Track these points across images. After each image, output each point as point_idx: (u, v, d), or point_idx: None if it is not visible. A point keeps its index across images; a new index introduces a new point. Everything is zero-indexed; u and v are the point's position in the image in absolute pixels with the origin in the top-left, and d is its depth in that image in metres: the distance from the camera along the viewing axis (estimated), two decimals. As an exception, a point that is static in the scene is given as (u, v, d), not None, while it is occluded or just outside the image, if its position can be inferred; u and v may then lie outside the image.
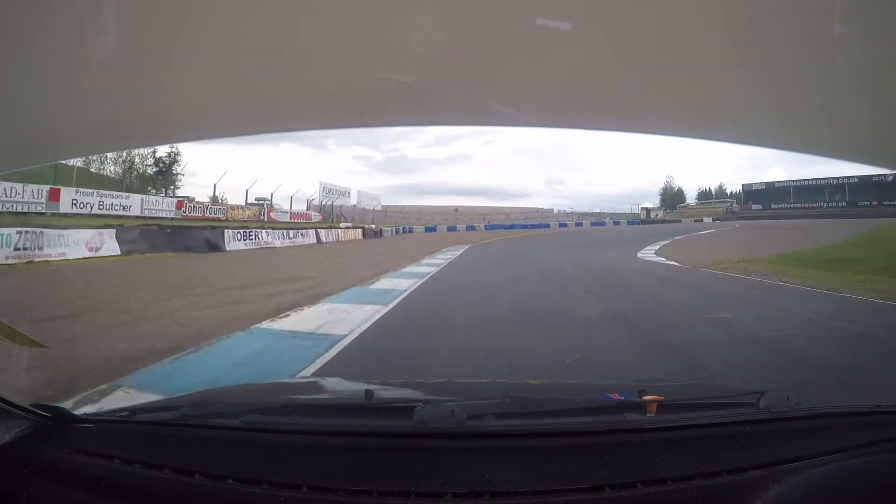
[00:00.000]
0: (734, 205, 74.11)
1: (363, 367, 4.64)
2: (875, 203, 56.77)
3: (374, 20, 1.02)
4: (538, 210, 69.88)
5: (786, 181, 69.83)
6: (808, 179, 67.52)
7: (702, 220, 58.29)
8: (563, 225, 54.53)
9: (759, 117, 1.47)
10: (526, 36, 1.07)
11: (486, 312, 7.34)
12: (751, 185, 74.91)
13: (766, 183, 71.60)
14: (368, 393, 1.33)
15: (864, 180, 59.67)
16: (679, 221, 59.25)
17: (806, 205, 62.75)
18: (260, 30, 1.04)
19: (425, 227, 50.66)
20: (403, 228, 48.78)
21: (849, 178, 62.51)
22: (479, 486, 0.93)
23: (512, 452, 1.05)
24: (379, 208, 58.52)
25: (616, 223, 54.17)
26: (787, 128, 1.54)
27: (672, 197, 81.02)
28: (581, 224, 54.59)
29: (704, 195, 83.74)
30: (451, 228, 52.27)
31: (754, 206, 68.82)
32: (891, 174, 52.14)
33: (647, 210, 71.85)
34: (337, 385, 1.89)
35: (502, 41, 1.10)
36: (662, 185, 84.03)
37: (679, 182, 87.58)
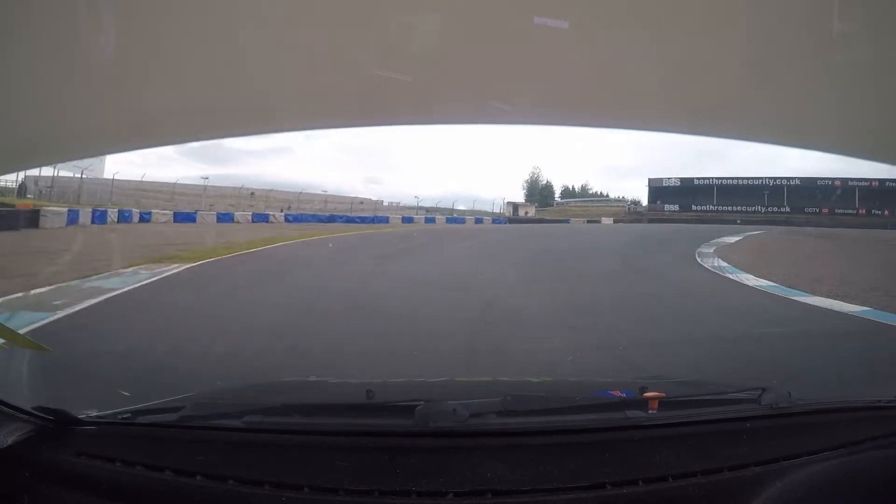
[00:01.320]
0: (633, 205, 57.63)
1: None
2: (826, 210, 48.44)
3: (372, 19, 1.02)
4: (363, 201, 44.58)
5: (707, 178, 54.94)
6: (738, 178, 54.22)
7: (599, 221, 46.00)
8: (429, 220, 38.43)
9: (758, 113, 1.47)
10: (524, 34, 1.07)
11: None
12: (660, 180, 57.39)
13: (683, 179, 55.86)
14: (369, 392, 1.33)
15: (808, 183, 51.31)
16: (567, 221, 45.78)
17: (736, 207, 50.59)
18: (258, 30, 1.03)
19: (174, 215, 26.64)
20: (122, 214, 23.91)
21: (789, 179, 52.52)
22: (480, 485, 0.93)
23: (513, 451, 1.05)
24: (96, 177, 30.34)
25: (479, 221, 41.40)
26: (786, 124, 1.54)
27: (541, 192, 62.23)
28: (433, 220, 38.69)
29: (569, 193, 65.80)
30: (225, 218, 28.29)
31: (668, 207, 53.91)
32: (845, 178, 47.16)
33: (515, 206, 53.69)
34: (338, 385, 1.89)
35: (501, 40, 1.10)
36: (528, 178, 63.67)
37: (547, 175, 68.66)
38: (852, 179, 49.19)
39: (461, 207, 48.78)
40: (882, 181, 48.74)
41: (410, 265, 12.11)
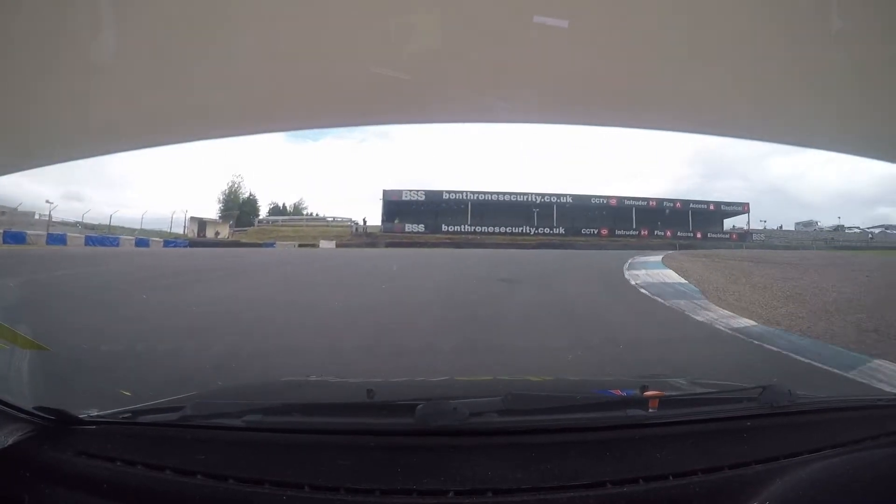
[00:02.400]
0: (360, 225, 44.67)
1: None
2: (605, 232, 42.60)
3: (372, 18, 1.02)
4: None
5: (460, 191, 43.87)
6: (500, 193, 44.46)
7: (317, 245, 35.06)
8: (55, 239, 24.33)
9: (757, 112, 1.47)
10: (524, 33, 1.07)
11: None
12: (399, 192, 43.66)
13: (429, 192, 43.34)
14: (370, 392, 1.33)
15: (581, 201, 44.32)
16: (272, 245, 34.87)
17: (497, 228, 41.52)
18: (258, 31, 1.03)
19: None
20: None
21: (559, 196, 44.57)
22: (481, 484, 0.93)
23: (514, 449, 1.05)
24: None
25: (142, 243, 28.64)
26: (786, 122, 1.54)
27: (241, 207, 49.24)
28: (108, 243, 27.03)
29: (278, 210, 53.09)
30: None
31: (411, 227, 42.03)
32: (622, 197, 43.07)
33: (202, 224, 39.75)
34: (338, 384, 1.89)
35: (500, 38, 1.10)
36: (225, 190, 49.33)
37: (251, 187, 55.17)
38: (629, 199, 45.71)
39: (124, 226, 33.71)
40: (661, 201, 46.32)
41: None
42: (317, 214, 52.00)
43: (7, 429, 1.06)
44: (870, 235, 47.15)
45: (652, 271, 13.57)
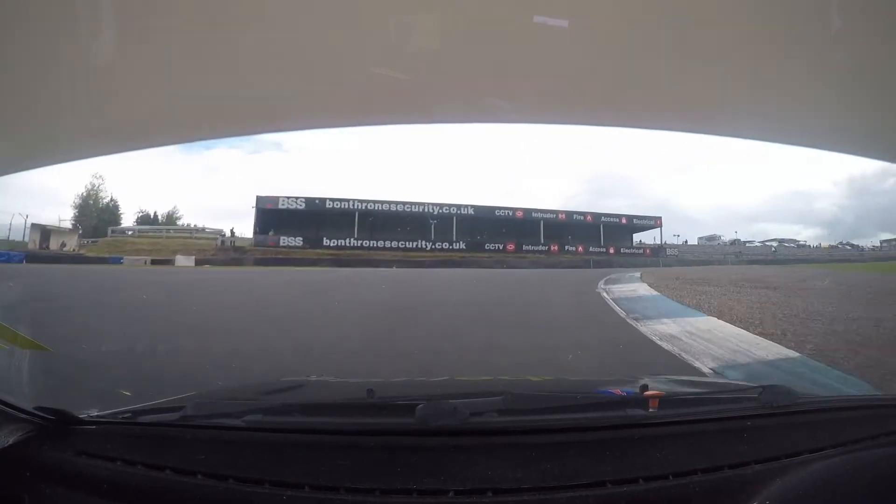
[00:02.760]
0: (228, 238, 36.70)
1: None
2: (511, 247, 36.61)
3: (372, 18, 1.02)
4: None
5: (346, 199, 36.55)
6: (393, 203, 37.28)
7: (172, 262, 28.62)
8: None
9: (756, 112, 1.47)
10: (524, 33, 1.07)
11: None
12: (274, 200, 35.84)
13: (309, 199, 36.02)
14: (370, 392, 1.33)
15: (484, 213, 37.94)
16: (119, 260, 28.10)
17: (390, 243, 34.86)
18: (257, 31, 1.04)
19: None
20: None
21: (460, 207, 37.63)
22: (481, 484, 0.93)
23: (514, 449, 1.05)
24: None
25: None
26: (785, 122, 1.54)
27: (99, 215, 39.96)
28: None
29: (147, 220, 43.81)
30: None
31: (287, 241, 34.44)
32: (530, 209, 37.16)
33: (45, 232, 32.46)
34: (339, 384, 1.89)
35: (500, 38, 1.10)
36: (83, 193, 40.20)
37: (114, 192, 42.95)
38: (537, 211, 39.73)
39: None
40: (571, 214, 41.43)
41: None
42: (191, 225, 43.43)
43: (7, 429, 1.06)
44: (773, 248, 47.01)
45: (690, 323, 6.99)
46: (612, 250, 39.18)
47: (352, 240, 35.80)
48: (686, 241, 46.34)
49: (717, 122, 1.59)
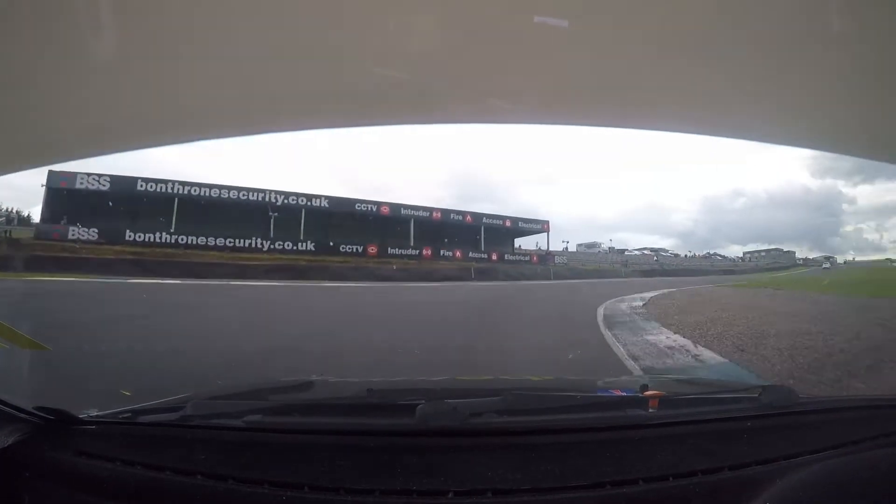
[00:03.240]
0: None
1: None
2: (374, 250, 28.11)
3: (372, 17, 1.01)
4: None
5: (165, 181, 25.89)
6: (223, 187, 27.15)
7: None
8: None
9: (759, 112, 1.47)
10: (524, 33, 1.07)
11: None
12: (72, 177, 23.54)
13: (116, 178, 24.48)
14: (370, 392, 1.33)
15: (343, 206, 29.02)
16: None
17: (214, 239, 25.31)
18: (258, 31, 1.03)
19: None
20: None
21: (311, 197, 28.30)
22: (480, 484, 0.93)
23: (513, 450, 1.05)
24: None
25: None
26: (786, 123, 1.54)
27: None
28: None
29: None
30: None
31: (79, 232, 23.08)
32: (413, 206, 29.02)
33: None
34: (339, 384, 1.89)
35: (501, 38, 1.10)
36: None
37: None
38: (407, 207, 31.01)
39: None
40: (447, 212, 32.43)
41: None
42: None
43: (7, 428, 1.06)
44: (654, 258, 44.92)
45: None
46: (494, 256, 33.02)
47: (166, 234, 24.91)
48: (566, 248, 41.57)
49: (719, 123, 1.59)
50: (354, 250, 28.59)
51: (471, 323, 8.23)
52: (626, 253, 44.81)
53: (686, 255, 46.62)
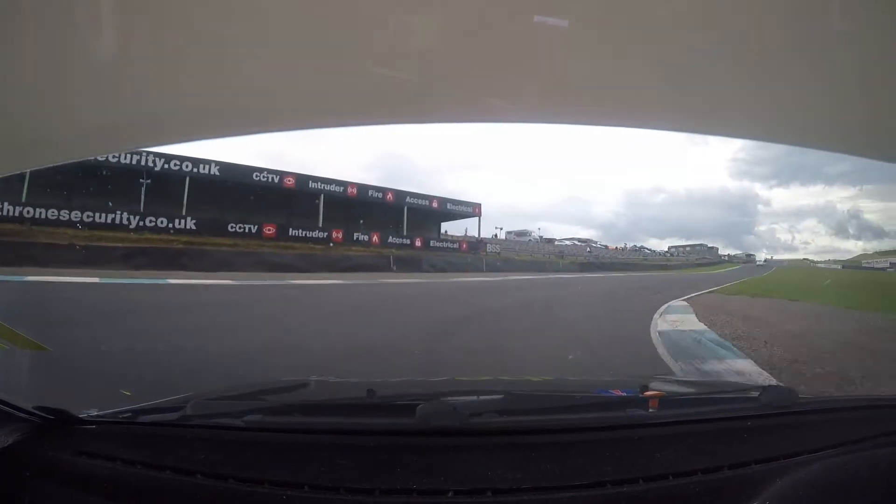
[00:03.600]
0: None
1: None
2: (271, 230, 22.73)
3: (372, 16, 1.01)
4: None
5: None
6: None
7: None
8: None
9: (759, 112, 1.47)
10: (524, 33, 1.07)
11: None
12: None
13: None
14: (370, 391, 1.33)
15: (235, 174, 22.58)
16: None
17: (61, 212, 16.82)
18: (257, 29, 1.03)
19: None
20: None
21: (198, 163, 21.51)
22: (480, 484, 0.93)
23: (513, 449, 1.05)
24: None
25: None
26: (787, 122, 1.54)
27: None
28: None
29: None
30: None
31: None
32: (306, 175, 23.01)
33: None
34: (339, 384, 1.90)
35: (500, 38, 1.10)
36: None
37: None
38: (315, 179, 25.12)
39: None
40: (365, 188, 26.58)
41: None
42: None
43: (7, 428, 1.06)
44: (588, 249, 40.95)
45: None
46: (418, 243, 27.77)
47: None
48: (497, 235, 36.61)
49: (719, 123, 1.59)
50: (247, 230, 22.33)
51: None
52: (556, 242, 40.17)
53: (619, 248, 43.74)
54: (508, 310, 10.08)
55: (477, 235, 31.79)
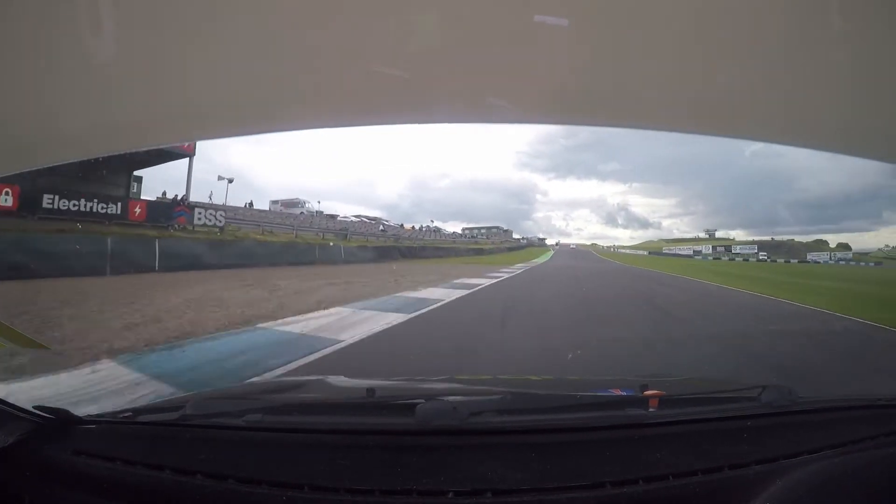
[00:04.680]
0: None
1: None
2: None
3: (371, 16, 1.01)
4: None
5: None
6: None
7: None
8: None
9: (760, 111, 1.46)
10: (524, 32, 1.07)
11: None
12: None
13: None
14: (370, 391, 1.33)
15: None
16: None
17: None
18: (256, 29, 1.03)
19: None
20: None
21: None
22: (480, 484, 0.93)
23: (513, 449, 1.05)
24: None
25: None
26: (788, 123, 1.54)
27: None
28: None
29: None
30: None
31: None
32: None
33: None
34: (338, 383, 1.89)
35: (500, 37, 1.10)
36: None
37: None
38: None
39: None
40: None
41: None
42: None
43: (7, 428, 1.06)
44: (381, 228, 31.78)
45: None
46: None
47: None
48: (250, 204, 26.95)
49: (719, 123, 1.59)
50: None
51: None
52: (339, 219, 31.23)
53: (415, 228, 36.85)
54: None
55: (185, 192, 17.93)
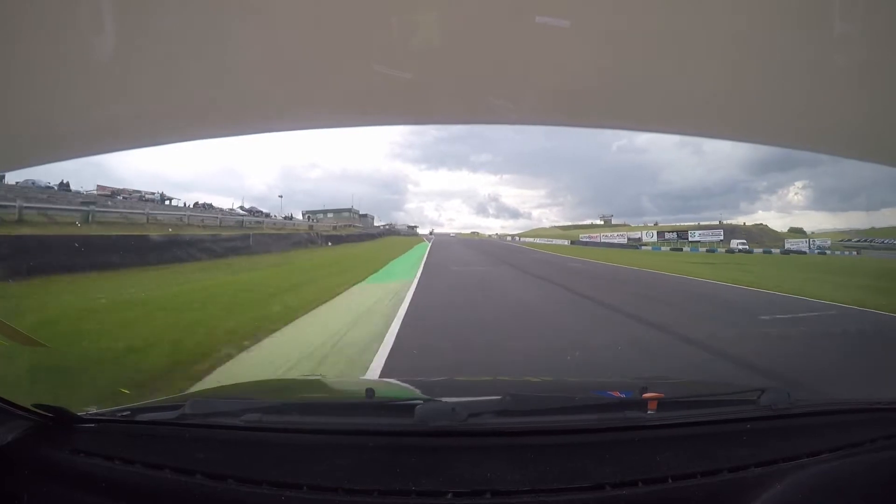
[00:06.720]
0: None
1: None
2: None
3: (374, 16, 1.01)
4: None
5: None
6: None
7: None
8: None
9: (759, 114, 1.46)
10: (525, 33, 1.06)
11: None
12: None
13: None
14: (369, 391, 1.32)
15: None
16: None
17: None
18: (257, 29, 1.03)
19: None
20: None
21: None
22: (479, 485, 0.93)
23: (512, 451, 1.05)
24: None
25: None
26: (788, 125, 1.54)
27: None
28: None
29: None
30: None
31: None
32: None
33: None
34: (338, 384, 1.89)
35: (502, 38, 1.10)
36: None
37: None
38: None
39: None
40: None
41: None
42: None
43: (6, 426, 1.06)
44: (243, 215, 24.49)
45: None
46: None
47: None
48: (143, 196, 22.70)
49: (719, 124, 1.59)
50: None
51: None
52: (231, 212, 24.47)
53: (286, 218, 30.11)
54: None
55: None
